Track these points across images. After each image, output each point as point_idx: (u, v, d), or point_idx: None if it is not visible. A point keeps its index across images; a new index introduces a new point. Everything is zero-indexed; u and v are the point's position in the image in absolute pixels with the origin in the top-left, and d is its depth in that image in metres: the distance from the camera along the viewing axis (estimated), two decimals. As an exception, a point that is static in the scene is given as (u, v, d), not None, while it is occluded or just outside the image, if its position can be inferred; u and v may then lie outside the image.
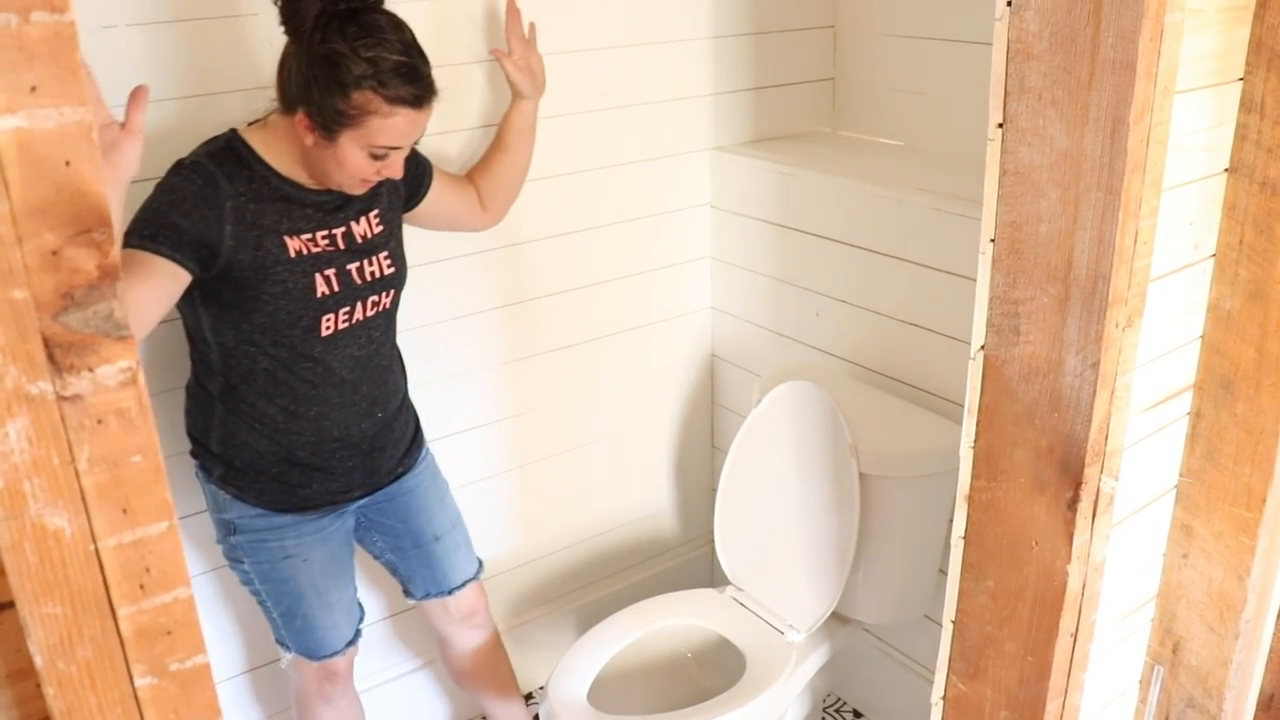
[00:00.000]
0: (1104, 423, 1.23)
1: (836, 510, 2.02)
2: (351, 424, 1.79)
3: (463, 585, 2.05)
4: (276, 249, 1.64)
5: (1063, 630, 1.33)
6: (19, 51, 0.55)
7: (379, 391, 1.83)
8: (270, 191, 1.64)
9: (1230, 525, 1.54)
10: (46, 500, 0.62)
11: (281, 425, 1.74)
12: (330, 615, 1.87)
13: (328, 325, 1.71)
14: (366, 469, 1.85)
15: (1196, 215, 1.39)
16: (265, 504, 1.77)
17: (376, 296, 1.77)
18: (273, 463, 1.76)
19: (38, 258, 0.58)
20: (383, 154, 1.61)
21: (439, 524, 2.00)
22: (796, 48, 2.51)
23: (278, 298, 1.65)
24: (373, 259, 1.76)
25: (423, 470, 1.98)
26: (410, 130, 1.61)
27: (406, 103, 1.57)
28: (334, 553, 1.87)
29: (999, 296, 1.27)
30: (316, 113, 1.56)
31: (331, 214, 1.71)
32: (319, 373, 1.73)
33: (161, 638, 0.68)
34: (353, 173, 1.62)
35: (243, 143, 1.65)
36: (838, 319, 2.30)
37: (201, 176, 1.59)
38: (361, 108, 1.55)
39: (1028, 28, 1.16)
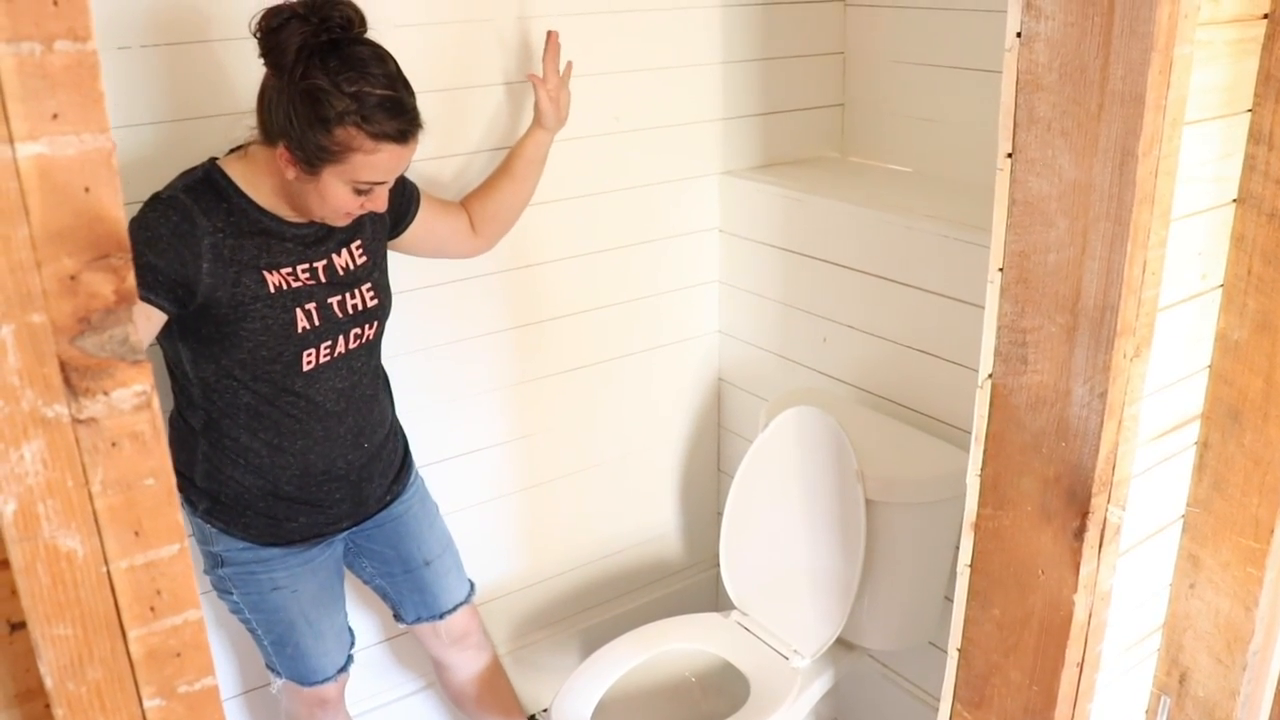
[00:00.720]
0: (1111, 452, 1.23)
1: (842, 536, 2.02)
2: (337, 456, 1.77)
3: (454, 609, 2.03)
4: (255, 285, 1.60)
5: (1069, 660, 1.33)
6: (42, 79, 0.56)
7: (364, 422, 1.80)
8: (249, 225, 1.60)
9: (1237, 556, 1.53)
10: (60, 522, 0.63)
11: (266, 459, 1.71)
12: (321, 643, 1.85)
13: (309, 360, 1.68)
14: (354, 500, 1.83)
15: (1205, 245, 1.39)
16: (252, 538, 1.75)
17: (359, 329, 1.74)
18: (259, 497, 1.73)
19: (56, 282, 0.59)
20: (367, 189, 1.57)
21: (429, 549, 1.98)
22: (806, 73, 2.52)
23: (257, 334, 1.62)
24: (355, 291, 1.72)
25: (412, 496, 1.96)
26: (395, 165, 1.57)
27: (391, 138, 1.52)
28: (324, 583, 1.85)
29: (1007, 325, 1.28)
30: (298, 147, 1.51)
31: (312, 247, 1.67)
32: (302, 406, 1.70)
33: (171, 660, 0.69)
34: (336, 208, 1.58)
35: (222, 174, 1.60)
36: (845, 344, 2.30)
37: (178, 213, 1.54)
38: (344, 144, 1.50)
39: (1037, 59, 1.17)
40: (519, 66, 2.12)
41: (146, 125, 1.77)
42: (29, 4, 0.55)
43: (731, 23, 2.38)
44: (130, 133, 1.74)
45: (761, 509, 2.20)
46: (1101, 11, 1.10)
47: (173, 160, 1.67)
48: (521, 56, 2.12)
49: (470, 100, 2.08)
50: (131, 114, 1.74)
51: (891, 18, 2.42)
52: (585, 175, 2.29)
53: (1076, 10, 1.12)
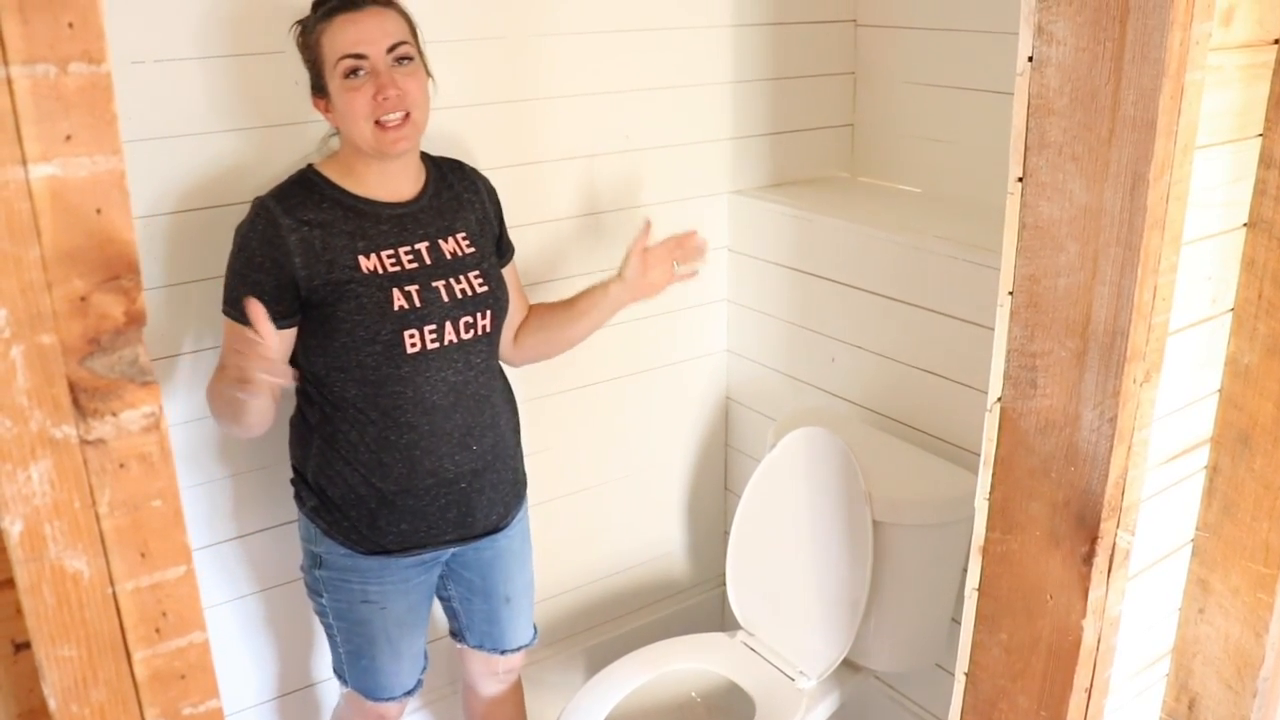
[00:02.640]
0: (1120, 477, 1.23)
1: (849, 557, 2.01)
2: (445, 455, 1.75)
3: (516, 650, 2.01)
4: (349, 269, 1.65)
5: (1077, 685, 1.32)
6: (56, 101, 0.56)
7: (474, 421, 1.78)
8: (343, 213, 1.67)
9: (1247, 581, 1.52)
10: (66, 543, 0.62)
11: (374, 455, 1.71)
12: (397, 663, 1.84)
13: (412, 342, 1.68)
14: (461, 510, 1.80)
15: (1215, 270, 1.39)
16: (353, 543, 1.75)
17: (470, 317, 1.74)
18: (364, 498, 1.73)
19: (66, 303, 0.59)
20: (351, 69, 1.61)
21: (514, 586, 1.95)
22: (816, 93, 2.52)
23: (353, 314, 1.64)
24: (462, 277, 1.73)
25: (517, 531, 1.94)
26: (358, 33, 1.61)
27: (338, 9, 1.61)
28: (413, 605, 1.84)
29: (1017, 349, 1.27)
30: (315, 88, 1.66)
31: (410, 228, 1.71)
32: (408, 396, 1.70)
33: (175, 682, 0.69)
34: (355, 113, 1.62)
35: (315, 172, 1.69)
36: (853, 364, 2.30)
37: (262, 220, 1.64)
38: (316, 43, 1.63)
39: (1049, 83, 1.17)
40: (530, 85, 2.12)
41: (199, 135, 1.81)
42: (44, 26, 0.55)
43: (742, 42, 2.39)
44: (190, 141, 1.81)
45: (768, 529, 2.19)
46: (1113, 37, 1.10)
47: (220, 169, 1.75)
48: (532, 75, 2.12)
49: (481, 117, 2.09)
50: (181, 124, 1.79)
51: (902, 38, 2.43)
52: (596, 193, 2.30)
53: (1088, 35, 1.12)
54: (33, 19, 0.55)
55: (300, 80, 1.76)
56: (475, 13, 2.03)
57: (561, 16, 2.13)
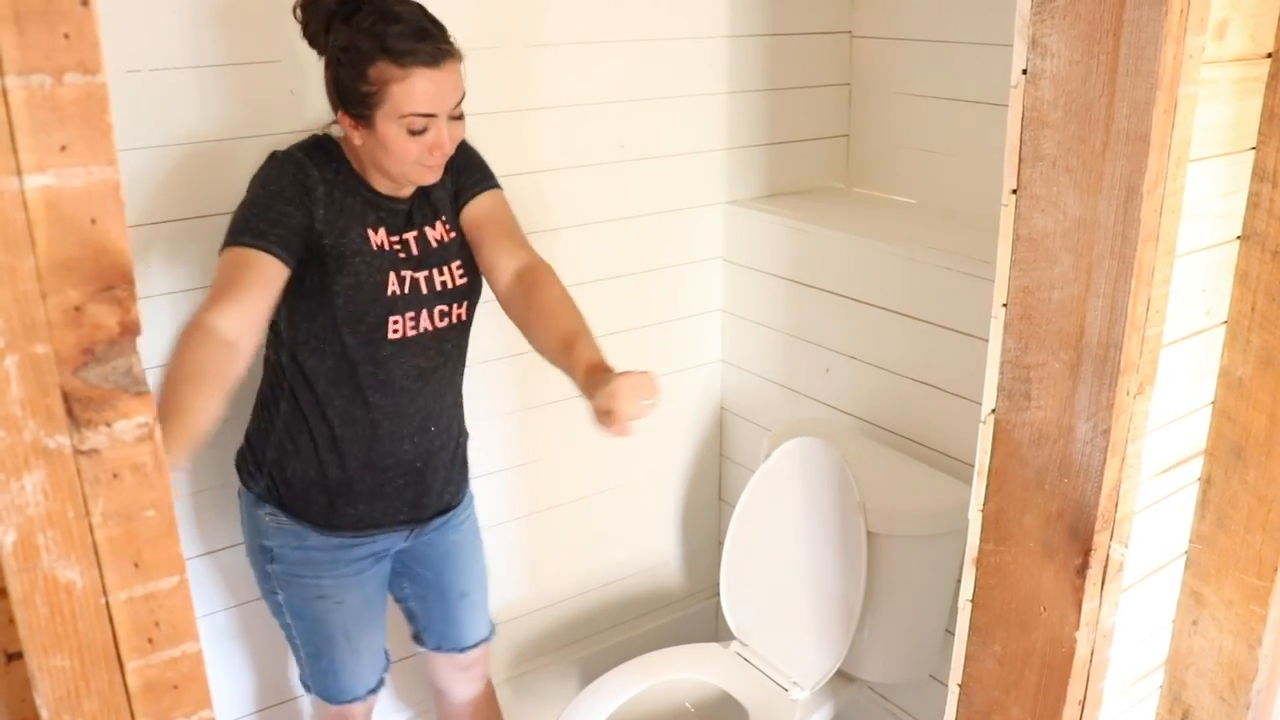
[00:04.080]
0: (1114, 490, 1.23)
1: (843, 567, 2.01)
2: (405, 437, 1.77)
3: (475, 645, 2.03)
4: (360, 239, 1.65)
5: (1070, 697, 1.32)
6: (51, 112, 0.56)
7: (435, 406, 1.80)
8: (354, 187, 1.67)
9: (1241, 593, 1.53)
10: (59, 553, 0.62)
11: (338, 431, 1.72)
12: (356, 661, 1.85)
13: (395, 328, 1.69)
14: (416, 491, 1.81)
15: (1208, 282, 1.39)
16: (309, 520, 1.75)
17: (446, 306, 1.75)
18: (323, 477, 1.74)
19: (61, 313, 0.59)
20: (420, 127, 1.58)
21: (468, 581, 1.98)
22: (812, 104, 2.53)
23: (349, 289, 1.65)
24: (445, 267, 1.74)
25: (467, 524, 1.96)
26: (435, 92, 1.58)
27: (419, 62, 1.55)
28: (369, 598, 1.84)
29: (1010, 361, 1.28)
30: (351, 104, 1.59)
31: (405, 220, 1.72)
32: (380, 378, 1.71)
33: (168, 692, 0.68)
34: (401, 157, 1.61)
35: (332, 141, 1.69)
36: (848, 375, 2.30)
37: (293, 164, 1.63)
38: (380, 80, 1.55)
39: (1043, 96, 1.17)
40: (525, 95, 2.13)
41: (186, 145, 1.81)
42: (40, 37, 0.55)
43: (738, 53, 2.40)
44: (172, 151, 1.80)
45: (763, 539, 2.19)
46: (1107, 50, 1.10)
47: (213, 176, 1.74)
48: (529, 83, 2.13)
49: (476, 127, 2.09)
50: (172, 133, 1.79)
51: (897, 50, 2.44)
52: (590, 204, 2.30)
53: (1082, 49, 1.12)
54: (28, 29, 0.55)
55: (295, 89, 1.76)
56: (470, 23, 2.03)
57: (556, 27, 2.14)
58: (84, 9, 0.56)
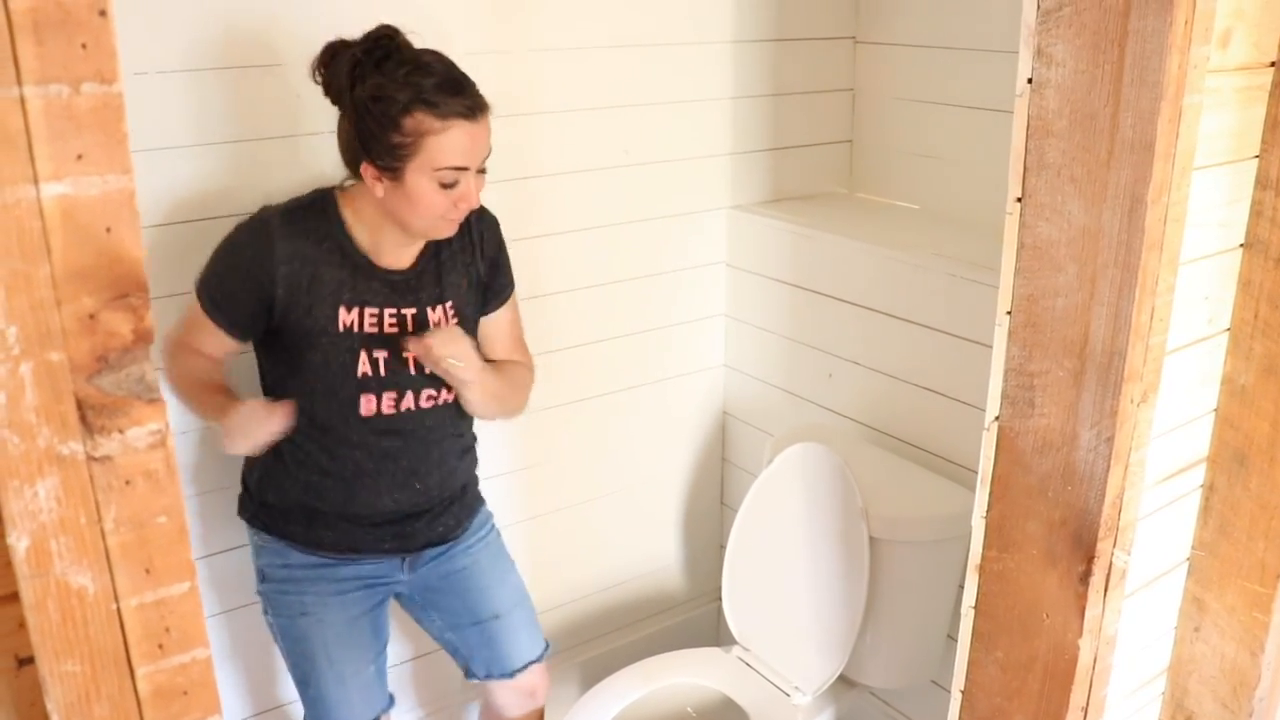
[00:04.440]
0: (1117, 497, 1.23)
1: (846, 573, 2.02)
2: (384, 492, 1.75)
3: (525, 667, 1.95)
4: (326, 319, 1.63)
5: (1073, 704, 1.32)
6: (68, 121, 0.57)
7: (420, 464, 1.77)
8: (340, 259, 1.63)
9: (1243, 600, 1.53)
10: (72, 559, 0.63)
11: (315, 480, 1.72)
12: (342, 689, 1.79)
13: (368, 405, 1.68)
14: (398, 532, 1.80)
15: (1212, 290, 1.40)
16: (290, 538, 1.75)
17: (434, 390, 1.72)
18: (302, 507, 1.74)
19: (75, 321, 0.59)
20: (451, 180, 1.57)
21: (499, 603, 1.91)
22: (815, 110, 2.53)
23: (317, 367, 1.64)
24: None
25: (480, 547, 1.91)
26: (471, 146, 1.57)
27: (457, 114, 1.54)
28: (354, 621, 1.80)
29: (1014, 369, 1.28)
30: (378, 156, 1.55)
31: (401, 293, 1.69)
32: (354, 441, 1.70)
33: (178, 698, 0.69)
34: (428, 210, 1.59)
35: (334, 204, 1.66)
36: (851, 381, 2.30)
37: (261, 238, 1.60)
38: (415, 132, 1.53)
39: (1048, 105, 1.18)
40: (530, 100, 2.13)
41: (201, 146, 1.81)
42: (58, 47, 0.56)
43: (742, 58, 2.40)
44: (190, 152, 1.81)
45: (765, 544, 2.19)
46: (1112, 60, 1.11)
47: (222, 181, 1.75)
48: (532, 89, 2.13)
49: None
50: (185, 135, 1.79)
51: (901, 55, 2.44)
52: (594, 208, 2.30)
53: (1087, 58, 1.13)
54: (46, 40, 0.55)
55: (303, 94, 1.76)
56: (475, 27, 2.04)
57: (561, 32, 2.14)
58: (101, 19, 0.56)
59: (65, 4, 0.55)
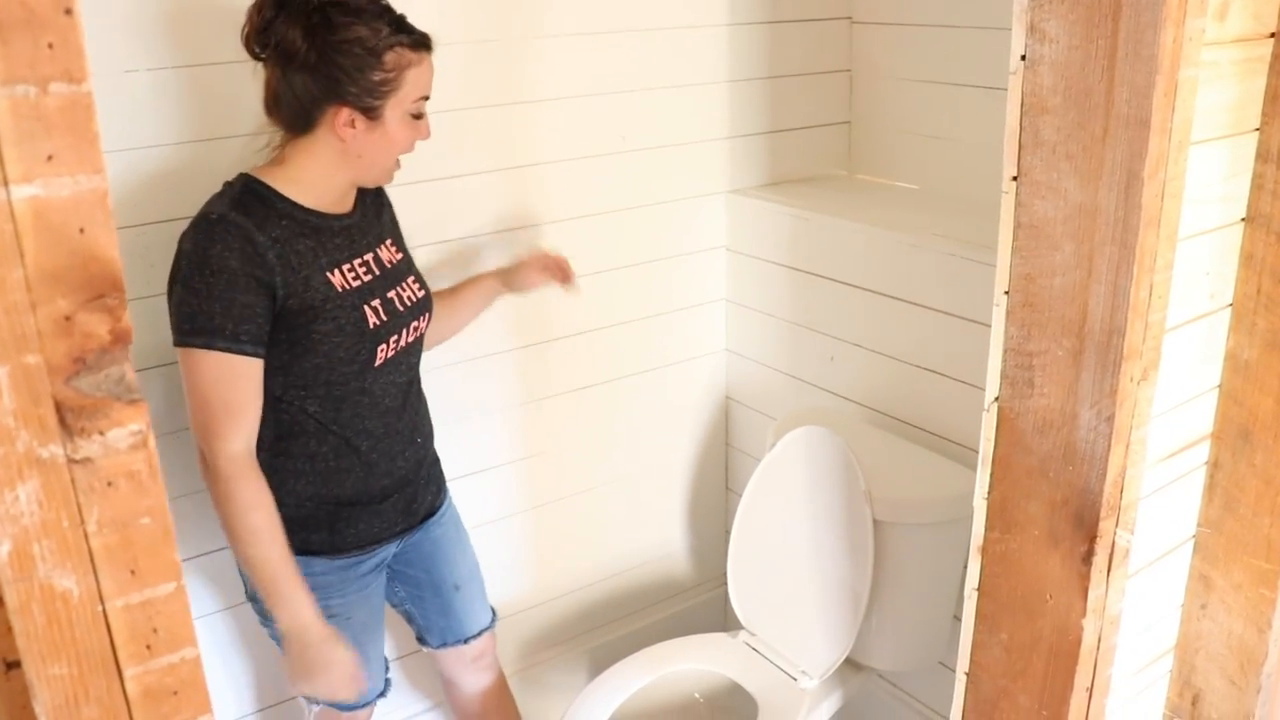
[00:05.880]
0: (1119, 476, 1.22)
1: (850, 556, 2.01)
2: (398, 454, 1.78)
3: (478, 634, 2.03)
4: (323, 286, 1.62)
5: (1078, 685, 1.32)
6: (37, 121, 0.56)
7: (417, 417, 1.83)
8: (299, 227, 1.61)
9: (1250, 577, 1.52)
10: (55, 562, 0.62)
11: (332, 464, 1.71)
12: (365, 668, 1.80)
13: (382, 355, 1.70)
14: (407, 500, 1.82)
15: (1213, 265, 1.38)
16: (312, 550, 1.73)
17: (417, 321, 1.77)
18: (319, 506, 1.72)
19: (51, 323, 0.59)
20: (420, 112, 1.63)
21: (459, 572, 1.98)
22: (813, 91, 2.52)
23: (331, 335, 1.62)
24: (404, 284, 1.76)
25: (448, 518, 1.96)
26: (430, 77, 1.64)
27: (425, 46, 1.61)
28: (374, 609, 1.85)
29: (1013, 349, 1.27)
30: (360, 96, 1.55)
31: (358, 239, 1.71)
32: (366, 404, 1.71)
33: (168, 698, 0.68)
34: (395, 148, 1.63)
35: (259, 183, 1.60)
36: (853, 363, 2.29)
37: (237, 236, 1.53)
38: (397, 66, 1.57)
39: (1042, 82, 1.17)
40: (524, 87, 2.12)
41: (186, 144, 1.80)
42: (24, 47, 0.55)
43: (738, 41, 2.39)
44: (174, 150, 1.80)
45: (769, 528, 2.19)
46: (1105, 35, 1.09)
47: (208, 175, 1.71)
48: (526, 77, 2.12)
49: (475, 121, 2.09)
50: (175, 132, 1.79)
51: (898, 35, 2.42)
52: (592, 194, 2.30)
53: (1081, 34, 1.11)
54: (12, 40, 0.54)
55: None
56: (467, 16, 2.03)
57: (554, 18, 2.13)
58: (68, 18, 0.56)
59: (30, 4, 0.54)
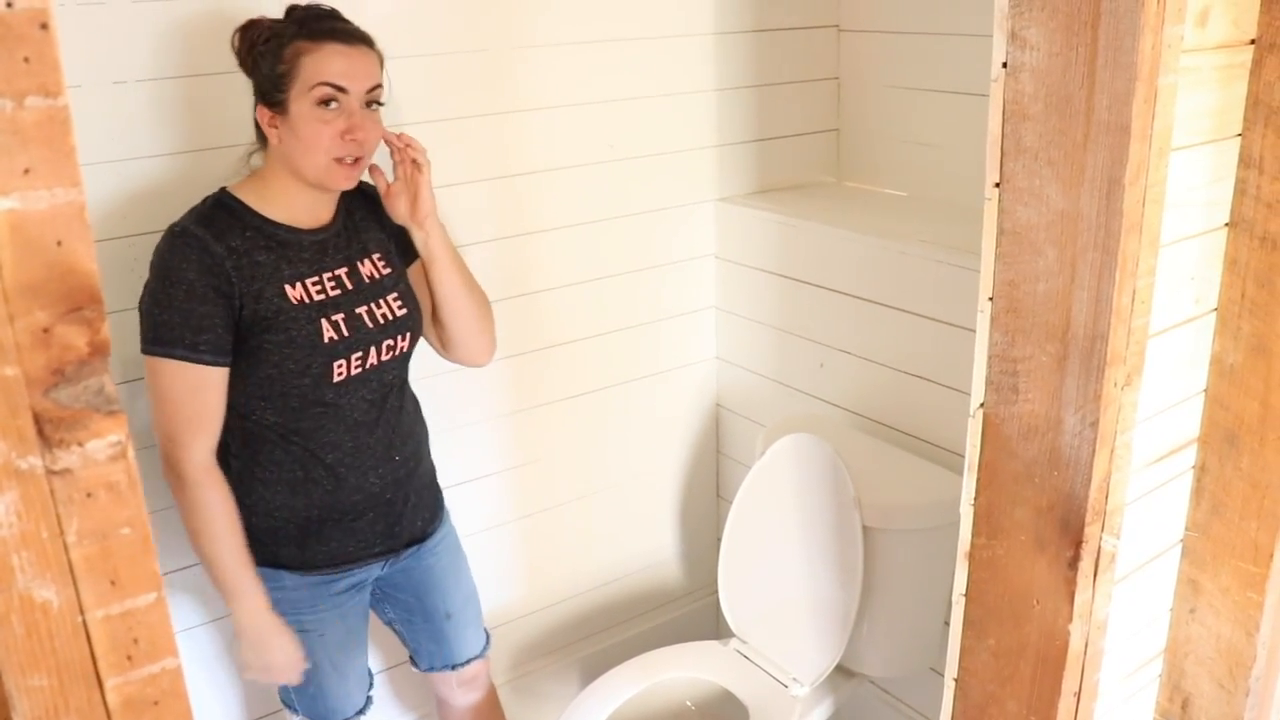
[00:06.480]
0: (1104, 481, 1.23)
1: (840, 563, 2.01)
2: (369, 469, 1.75)
3: (468, 662, 2.01)
4: (277, 298, 1.62)
5: (1065, 690, 1.32)
6: (13, 135, 0.56)
7: (394, 434, 1.79)
8: (264, 240, 1.63)
9: (1237, 581, 1.52)
10: (35, 573, 0.62)
11: (299, 475, 1.70)
12: (344, 685, 1.84)
13: (339, 371, 1.68)
14: (388, 522, 1.80)
15: (1197, 270, 1.39)
16: (284, 564, 1.73)
17: (391, 340, 1.74)
18: (289, 519, 1.71)
19: (29, 335, 0.59)
20: (325, 98, 1.57)
21: (452, 601, 1.96)
22: (801, 99, 2.53)
23: (282, 346, 1.62)
24: (382, 300, 1.73)
25: (442, 545, 1.93)
26: (347, 67, 1.59)
27: (329, 36, 1.58)
28: (351, 628, 1.83)
29: (998, 355, 1.27)
30: (266, 94, 1.59)
31: (331, 254, 1.70)
32: (331, 416, 1.70)
33: (149, 708, 0.68)
34: (314, 142, 1.58)
35: (232, 197, 1.64)
36: (842, 370, 2.30)
37: (195, 248, 1.57)
38: (293, 56, 1.57)
39: (1023, 89, 1.17)
40: (512, 97, 2.13)
41: (175, 155, 1.80)
42: (0, 61, 0.55)
43: (725, 50, 2.39)
44: (158, 162, 1.80)
45: (760, 536, 2.19)
46: (1085, 43, 1.10)
47: (198, 187, 1.71)
48: (514, 87, 2.13)
49: (463, 131, 2.09)
50: (164, 144, 1.79)
51: (885, 43, 2.43)
52: (581, 203, 2.30)
53: (1061, 41, 1.12)
54: (-13, 54, 0.55)
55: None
56: (455, 26, 2.03)
57: (542, 28, 2.14)
58: (43, 32, 0.56)
59: (6, 18, 0.55)
